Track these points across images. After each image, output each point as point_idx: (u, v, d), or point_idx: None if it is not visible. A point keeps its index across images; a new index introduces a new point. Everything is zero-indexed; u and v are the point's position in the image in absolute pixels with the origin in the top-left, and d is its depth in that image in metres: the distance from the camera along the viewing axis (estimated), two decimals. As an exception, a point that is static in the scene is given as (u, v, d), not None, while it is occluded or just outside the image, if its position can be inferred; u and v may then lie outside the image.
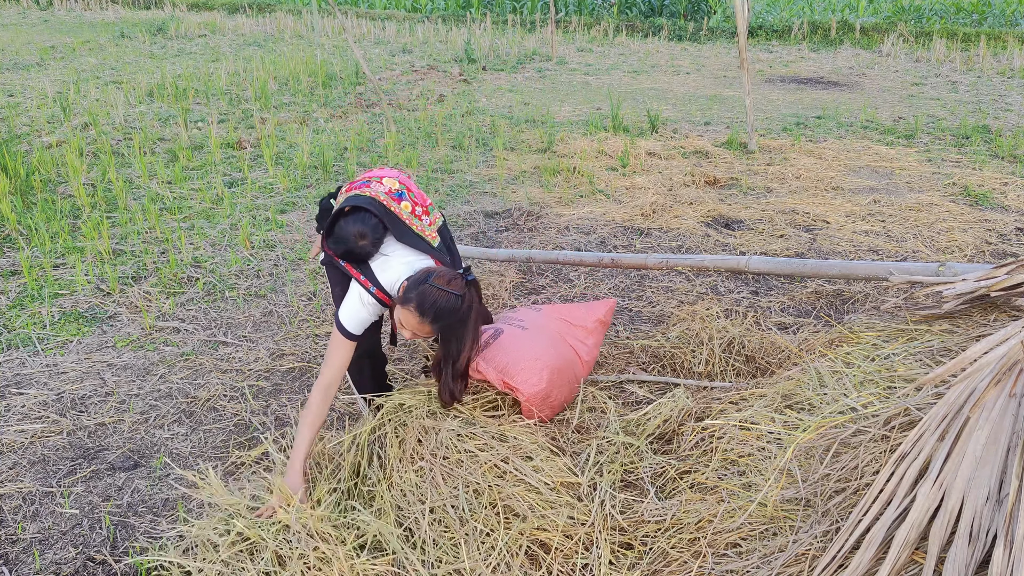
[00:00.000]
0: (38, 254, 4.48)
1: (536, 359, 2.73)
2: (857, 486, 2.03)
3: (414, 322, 2.38)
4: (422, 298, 2.35)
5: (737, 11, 7.05)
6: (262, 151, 6.63)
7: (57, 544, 2.38)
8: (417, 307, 2.35)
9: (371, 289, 2.48)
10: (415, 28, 16.01)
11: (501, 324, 2.95)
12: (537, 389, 2.66)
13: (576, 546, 2.20)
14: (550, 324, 3.02)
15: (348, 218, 2.51)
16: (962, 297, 2.80)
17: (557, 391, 2.76)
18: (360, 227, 2.48)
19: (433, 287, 2.36)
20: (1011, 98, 9.68)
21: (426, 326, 2.39)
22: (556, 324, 3.04)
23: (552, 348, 2.85)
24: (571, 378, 2.88)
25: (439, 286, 2.36)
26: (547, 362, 2.74)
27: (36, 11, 18.30)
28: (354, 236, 2.47)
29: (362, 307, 2.48)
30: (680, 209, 5.41)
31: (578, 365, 2.97)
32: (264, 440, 2.79)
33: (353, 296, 2.49)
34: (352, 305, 2.49)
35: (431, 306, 2.35)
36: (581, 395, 2.98)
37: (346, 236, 2.48)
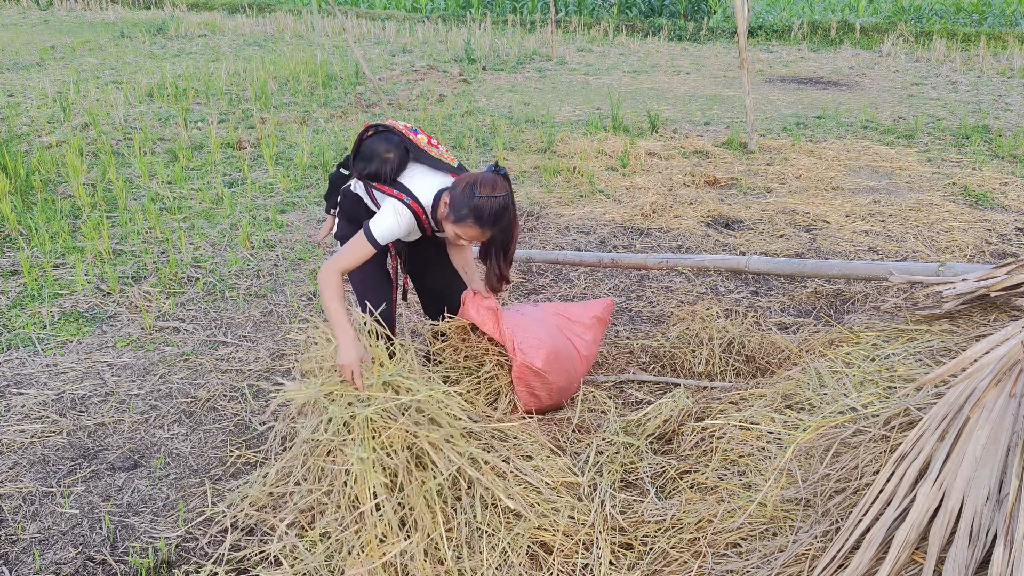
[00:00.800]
0: (38, 254, 4.48)
1: (536, 338, 2.81)
2: (857, 486, 2.03)
3: (475, 233, 2.52)
4: (478, 211, 2.46)
5: (737, 11, 7.05)
6: (262, 151, 6.63)
7: (57, 544, 2.39)
8: (476, 220, 2.47)
9: (405, 200, 2.57)
10: (415, 28, 16.02)
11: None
12: (534, 358, 2.73)
13: (576, 546, 2.21)
14: (548, 318, 3.04)
15: (373, 138, 2.64)
16: (962, 297, 2.81)
17: (555, 375, 2.79)
18: (385, 144, 2.61)
19: (483, 198, 2.45)
20: (1011, 98, 9.68)
21: (487, 232, 2.52)
22: (553, 318, 3.06)
23: (549, 336, 2.89)
24: (569, 368, 2.89)
25: (488, 195, 2.46)
26: (545, 343, 2.81)
27: (36, 11, 18.30)
28: (380, 152, 2.58)
29: (395, 218, 2.55)
30: (680, 209, 5.41)
31: (576, 359, 2.98)
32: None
33: (387, 209, 2.57)
34: (385, 216, 2.56)
35: (488, 215, 2.47)
36: (581, 395, 2.98)
37: (372, 153, 2.59)
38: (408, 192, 2.59)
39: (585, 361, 3.05)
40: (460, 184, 2.51)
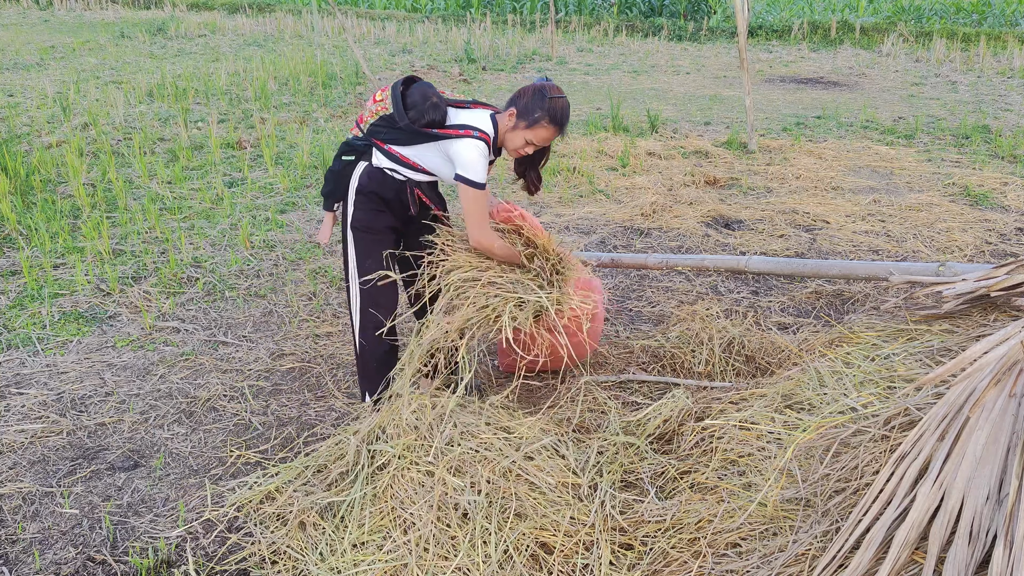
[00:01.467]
0: (38, 254, 4.48)
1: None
2: (857, 486, 2.03)
3: (548, 134, 2.61)
4: (553, 111, 2.56)
5: (737, 11, 7.05)
6: (262, 151, 6.63)
7: (57, 544, 2.39)
8: (551, 120, 2.57)
9: (475, 134, 2.58)
10: (415, 28, 16.02)
11: None
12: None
13: (576, 546, 2.21)
14: None
15: (410, 89, 2.63)
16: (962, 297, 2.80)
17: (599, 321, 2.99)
18: (425, 88, 2.62)
19: (555, 98, 2.57)
20: (1011, 98, 9.68)
21: (557, 132, 2.62)
22: None
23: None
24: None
25: (558, 95, 2.58)
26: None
27: (36, 11, 18.30)
28: (430, 96, 2.59)
29: (477, 152, 2.57)
30: (680, 209, 5.41)
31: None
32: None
33: (464, 149, 2.57)
34: (469, 156, 2.57)
35: (562, 113, 2.58)
36: (581, 395, 2.98)
37: (423, 98, 2.59)
38: (470, 127, 2.61)
39: (597, 320, 3.12)
40: (525, 94, 2.61)
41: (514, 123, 2.63)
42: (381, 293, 2.78)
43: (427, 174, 2.76)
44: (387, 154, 2.70)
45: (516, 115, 2.63)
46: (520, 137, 2.64)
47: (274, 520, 2.41)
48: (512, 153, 2.72)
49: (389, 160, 2.71)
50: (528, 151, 2.69)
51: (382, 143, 2.70)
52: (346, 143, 2.78)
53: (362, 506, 2.30)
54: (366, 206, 2.75)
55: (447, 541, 2.17)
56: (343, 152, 2.78)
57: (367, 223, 2.75)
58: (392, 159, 2.71)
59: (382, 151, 2.70)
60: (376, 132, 2.70)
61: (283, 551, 2.29)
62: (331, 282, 4.30)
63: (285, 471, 2.60)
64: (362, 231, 2.76)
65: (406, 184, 2.75)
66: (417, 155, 2.70)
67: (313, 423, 3.02)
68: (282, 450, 2.85)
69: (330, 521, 2.32)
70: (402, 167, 2.72)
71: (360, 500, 2.32)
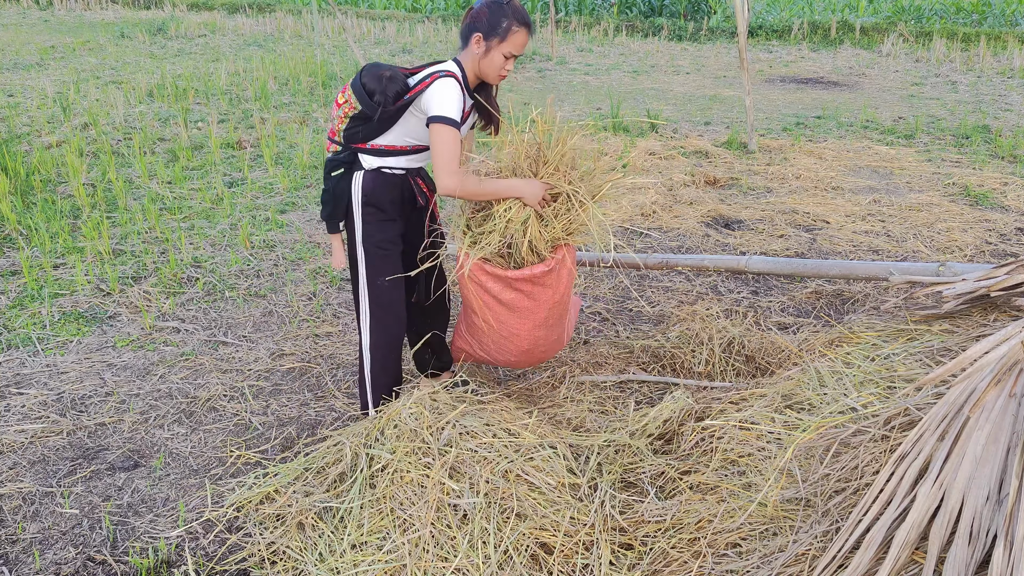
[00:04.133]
0: (38, 254, 4.48)
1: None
2: (857, 486, 2.03)
3: (523, 39, 2.56)
4: (518, 13, 2.53)
5: (737, 11, 7.06)
6: (262, 151, 6.63)
7: (57, 544, 2.39)
8: (520, 22, 2.53)
9: (441, 74, 2.51)
10: (415, 28, 16.01)
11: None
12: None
13: (576, 546, 2.20)
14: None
15: (363, 77, 2.57)
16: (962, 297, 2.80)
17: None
18: (373, 69, 2.56)
19: (512, 2, 2.54)
20: (1011, 98, 9.68)
21: (527, 36, 2.57)
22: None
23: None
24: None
25: (509, 0, 2.54)
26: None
27: (36, 11, 18.30)
28: (378, 76, 2.54)
29: (447, 88, 2.48)
30: (680, 209, 5.41)
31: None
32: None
33: (435, 92, 2.49)
34: (439, 93, 2.48)
35: (524, 13, 2.55)
36: (581, 395, 2.98)
37: (375, 83, 2.53)
38: (433, 72, 2.54)
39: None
40: (480, 14, 2.54)
41: (485, 46, 2.55)
42: (393, 309, 2.78)
43: (416, 152, 2.69)
44: (373, 152, 2.64)
45: (483, 38, 2.54)
46: (498, 54, 2.55)
47: (273, 520, 2.41)
48: (496, 78, 2.62)
49: (379, 157, 2.65)
50: (509, 67, 2.60)
51: (364, 144, 2.64)
52: (330, 160, 2.70)
53: (361, 507, 2.30)
54: (375, 218, 2.69)
55: (447, 542, 2.17)
56: (331, 169, 2.69)
57: (378, 239, 2.70)
58: (381, 154, 2.65)
59: (367, 151, 2.65)
60: (354, 136, 2.63)
61: (282, 551, 2.29)
62: (331, 282, 4.30)
63: (284, 472, 2.60)
64: (374, 247, 2.70)
65: (407, 176, 2.71)
66: (401, 135, 2.63)
67: (313, 423, 3.02)
68: (282, 450, 2.85)
69: (329, 522, 2.32)
70: (394, 157, 2.66)
71: (359, 501, 2.32)
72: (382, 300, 2.74)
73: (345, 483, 2.43)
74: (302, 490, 2.47)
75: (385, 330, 2.78)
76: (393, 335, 2.81)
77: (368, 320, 2.77)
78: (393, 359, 2.86)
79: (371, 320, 2.77)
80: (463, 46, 2.61)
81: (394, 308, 2.78)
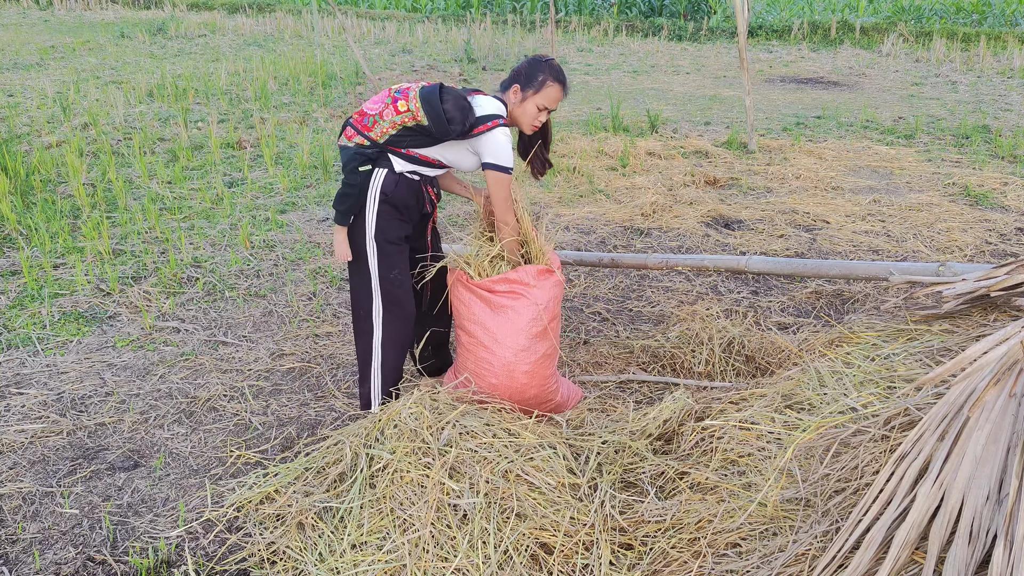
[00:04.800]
0: (38, 254, 4.48)
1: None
2: (857, 486, 2.03)
3: (557, 94, 2.74)
4: (554, 70, 2.72)
5: (737, 11, 7.05)
6: (262, 151, 6.63)
7: (57, 544, 2.39)
8: (555, 79, 2.72)
9: (501, 122, 2.67)
10: (415, 28, 16.02)
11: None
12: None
13: (576, 546, 2.20)
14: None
15: (445, 100, 2.64)
16: (962, 297, 2.80)
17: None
18: (457, 99, 2.66)
19: (550, 60, 2.75)
20: (1011, 98, 9.68)
21: (563, 91, 2.76)
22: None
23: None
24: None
25: (550, 58, 2.75)
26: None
27: (36, 11, 18.30)
28: (461, 107, 2.64)
29: (506, 139, 2.68)
30: (680, 209, 5.41)
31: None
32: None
33: (495, 139, 2.67)
34: (500, 143, 2.67)
35: (560, 71, 2.74)
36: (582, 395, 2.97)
37: (456, 112, 2.62)
38: (493, 116, 2.67)
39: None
40: (521, 69, 2.75)
41: (521, 96, 2.73)
42: (405, 304, 2.80)
43: (442, 167, 2.78)
44: (406, 157, 2.69)
45: (520, 88, 2.72)
46: (532, 105, 2.73)
47: (273, 520, 2.41)
48: (528, 128, 2.80)
49: (409, 163, 2.71)
50: (543, 118, 2.78)
51: (401, 148, 2.68)
52: (357, 153, 2.67)
53: (361, 507, 2.30)
54: (389, 215, 2.72)
55: (447, 542, 2.17)
56: (358, 164, 2.68)
57: (390, 234, 2.73)
58: (411, 161, 2.71)
59: (401, 155, 2.69)
60: (399, 141, 2.66)
61: (282, 551, 2.29)
62: (331, 282, 4.30)
63: (284, 472, 2.60)
64: (385, 242, 2.73)
65: (422, 183, 2.78)
66: (440, 153, 2.72)
67: (313, 423, 3.02)
68: (282, 450, 2.85)
69: (329, 522, 2.32)
70: (421, 166, 2.74)
71: (359, 501, 2.32)
72: (394, 295, 2.78)
73: (345, 483, 2.43)
74: (302, 490, 2.47)
75: (396, 325, 2.80)
76: (404, 331, 2.83)
77: (381, 315, 2.79)
78: (401, 356, 2.88)
79: (384, 314, 2.79)
80: (502, 91, 2.80)
81: (405, 303, 2.81)
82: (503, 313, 2.75)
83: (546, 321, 2.77)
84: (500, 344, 2.75)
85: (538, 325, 2.75)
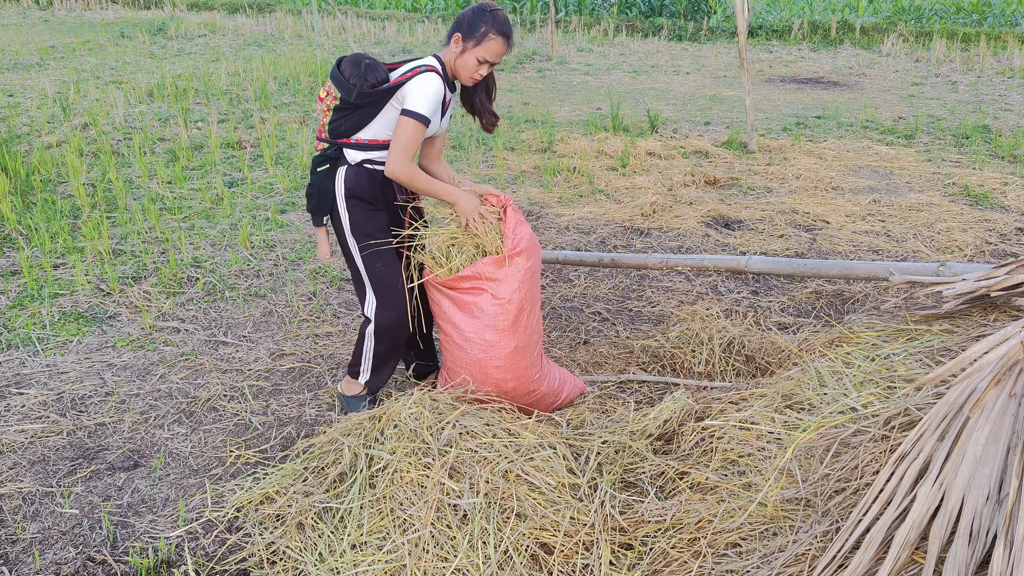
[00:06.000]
0: (38, 254, 4.48)
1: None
2: (857, 486, 2.03)
3: (499, 47, 2.62)
4: (497, 22, 2.60)
5: (737, 11, 7.05)
6: (262, 151, 6.63)
7: (57, 544, 2.39)
8: (498, 31, 2.60)
9: (423, 69, 2.59)
10: (415, 28, 16.01)
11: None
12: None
13: (576, 546, 2.20)
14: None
15: (343, 63, 2.62)
16: (962, 297, 2.80)
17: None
18: (354, 57, 2.61)
19: (496, 10, 2.61)
20: (1011, 98, 9.68)
21: (507, 45, 2.63)
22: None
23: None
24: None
25: (495, 7, 2.62)
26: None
27: (36, 11, 18.30)
28: (358, 62, 2.59)
29: (427, 84, 2.57)
30: (680, 209, 5.41)
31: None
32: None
33: (416, 86, 2.57)
34: (418, 88, 2.56)
35: (506, 23, 2.62)
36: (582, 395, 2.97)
37: (353, 68, 2.58)
38: (416, 66, 2.61)
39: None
40: (464, 17, 2.63)
41: (462, 47, 2.64)
42: (394, 296, 2.81)
43: None
44: (357, 146, 2.69)
45: (462, 38, 2.63)
46: (471, 57, 2.64)
47: (273, 521, 2.41)
48: (468, 79, 2.70)
49: (361, 151, 2.70)
50: (483, 72, 2.67)
51: (348, 139, 2.69)
52: (317, 157, 2.75)
53: (361, 507, 2.30)
54: (359, 209, 2.74)
55: (447, 542, 2.17)
56: (317, 165, 2.74)
57: (367, 228, 2.75)
58: (364, 148, 2.70)
59: (352, 146, 2.70)
60: (337, 129, 2.68)
61: (282, 552, 2.29)
62: (331, 282, 4.30)
63: (284, 472, 2.60)
64: (364, 237, 2.75)
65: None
66: (383, 128, 2.68)
67: (313, 423, 3.02)
68: (282, 450, 2.86)
69: (329, 522, 2.32)
70: (375, 151, 2.71)
71: (359, 501, 2.32)
72: (385, 285, 2.79)
73: (345, 483, 2.43)
74: (302, 490, 2.47)
75: (388, 315, 2.81)
76: (396, 322, 2.84)
77: (375, 307, 2.81)
78: (393, 350, 2.90)
79: (377, 306, 2.81)
80: (446, 43, 2.69)
81: (395, 295, 2.81)
82: (468, 309, 2.74)
83: (513, 313, 2.71)
84: (469, 341, 2.75)
85: (504, 319, 2.71)
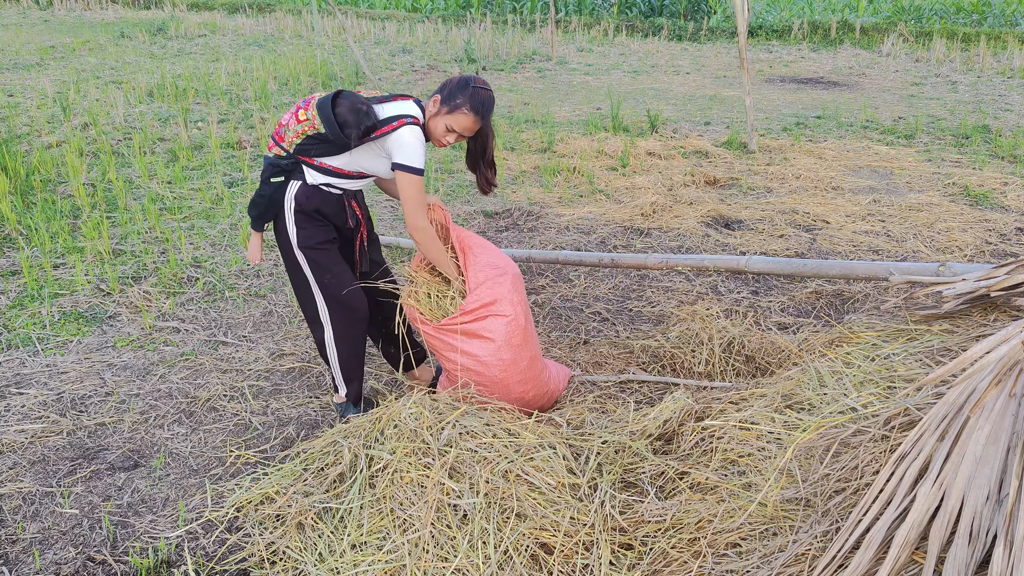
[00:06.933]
0: (38, 254, 4.48)
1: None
2: (857, 486, 2.03)
3: (468, 123, 2.63)
4: (474, 99, 2.60)
5: (737, 11, 7.05)
6: (262, 151, 6.63)
7: (57, 544, 2.38)
8: (471, 108, 2.60)
9: (408, 121, 2.59)
10: (415, 28, 16.01)
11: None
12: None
13: (576, 546, 2.20)
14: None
15: (339, 104, 2.59)
16: (962, 297, 2.80)
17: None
18: (351, 101, 2.59)
19: (478, 88, 2.62)
20: (1011, 98, 9.68)
21: (478, 122, 2.64)
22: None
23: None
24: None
25: (482, 85, 2.63)
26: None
27: (36, 11, 18.30)
28: (355, 109, 2.56)
29: (413, 137, 2.58)
30: (680, 209, 5.41)
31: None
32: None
33: (403, 138, 2.58)
34: (405, 142, 2.58)
35: (482, 103, 2.62)
36: (582, 395, 2.97)
37: (350, 115, 2.55)
38: (400, 116, 2.60)
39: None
40: (450, 82, 2.64)
41: (437, 109, 2.65)
42: (353, 298, 2.82)
43: (362, 178, 2.75)
44: (319, 169, 2.67)
45: (439, 101, 2.65)
46: (441, 123, 2.65)
47: (273, 521, 2.41)
48: (436, 141, 2.71)
49: (322, 175, 2.68)
50: (450, 140, 2.68)
51: (312, 159, 2.66)
52: (272, 164, 2.70)
53: (361, 507, 2.30)
54: (306, 222, 2.72)
55: (447, 542, 2.17)
56: (271, 174, 2.70)
57: (315, 240, 2.73)
58: (325, 172, 2.68)
59: (313, 167, 2.67)
60: (306, 151, 2.65)
61: (282, 552, 2.29)
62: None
63: (284, 472, 2.60)
64: (312, 248, 2.73)
65: (343, 197, 2.76)
66: (350, 161, 2.68)
67: (313, 423, 3.02)
68: (282, 450, 2.86)
69: (329, 522, 2.32)
70: (336, 178, 2.70)
71: (359, 501, 2.32)
72: (336, 294, 2.79)
73: (345, 483, 2.43)
74: (302, 490, 2.47)
75: (345, 321, 2.83)
76: (354, 326, 2.85)
77: (328, 315, 2.82)
78: (355, 351, 2.91)
79: (331, 315, 2.82)
80: (430, 98, 2.70)
81: (350, 301, 2.81)
82: (479, 336, 2.75)
83: (522, 326, 2.77)
84: (487, 364, 2.76)
85: (516, 335, 2.76)
